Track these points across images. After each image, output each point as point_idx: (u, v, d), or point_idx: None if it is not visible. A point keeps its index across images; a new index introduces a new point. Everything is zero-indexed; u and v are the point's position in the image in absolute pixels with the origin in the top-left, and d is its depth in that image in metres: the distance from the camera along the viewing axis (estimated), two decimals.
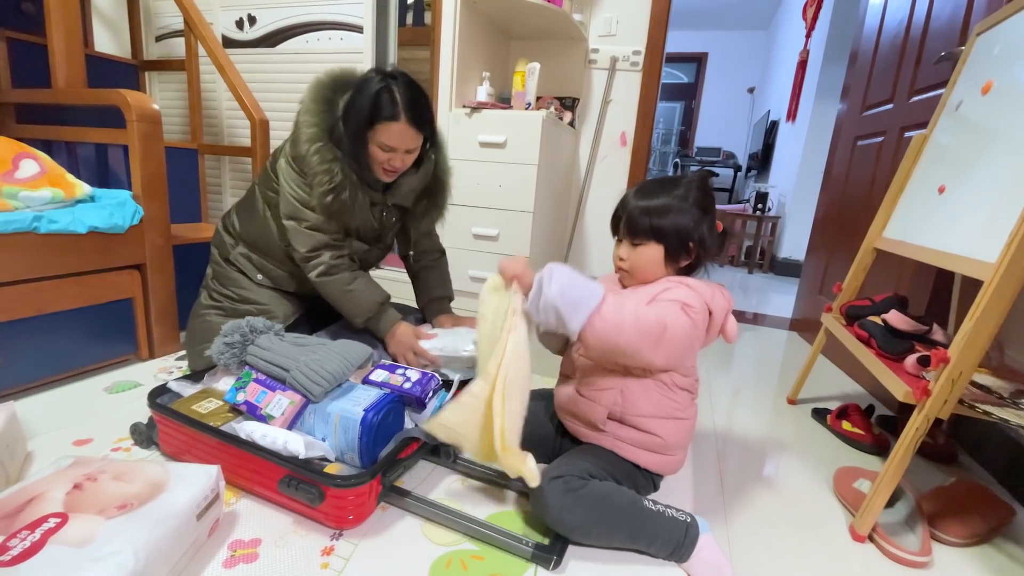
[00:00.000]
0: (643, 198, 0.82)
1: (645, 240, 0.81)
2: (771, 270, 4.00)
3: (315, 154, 1.04)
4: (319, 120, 1.05)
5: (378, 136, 1.04)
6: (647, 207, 0.81)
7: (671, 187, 0.82)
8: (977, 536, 0.88)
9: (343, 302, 1.15)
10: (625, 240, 0.84)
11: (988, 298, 0.74)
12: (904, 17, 1.60)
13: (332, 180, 1.05)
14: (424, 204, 1.27)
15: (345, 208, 1.09)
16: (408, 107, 1.03)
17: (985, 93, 1.01)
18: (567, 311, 0.69)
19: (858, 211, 1.71)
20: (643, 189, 0.84)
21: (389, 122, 1.02)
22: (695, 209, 0.80)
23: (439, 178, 1.26)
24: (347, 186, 1.07)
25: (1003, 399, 0.82)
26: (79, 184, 1.20)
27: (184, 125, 2.39)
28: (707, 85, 6.01)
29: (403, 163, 1.10)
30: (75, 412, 1.09)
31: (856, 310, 1.20)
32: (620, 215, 0.85)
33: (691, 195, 0.81)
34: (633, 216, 0.81)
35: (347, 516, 0.77)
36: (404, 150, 1.07)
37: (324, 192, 1.06)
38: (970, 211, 0.91)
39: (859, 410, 1.24)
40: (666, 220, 0.80)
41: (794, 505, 0.96)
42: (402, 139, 1.05)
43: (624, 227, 0.83)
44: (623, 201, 0.85)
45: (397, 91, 1.02)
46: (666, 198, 0.80)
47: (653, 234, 0.80)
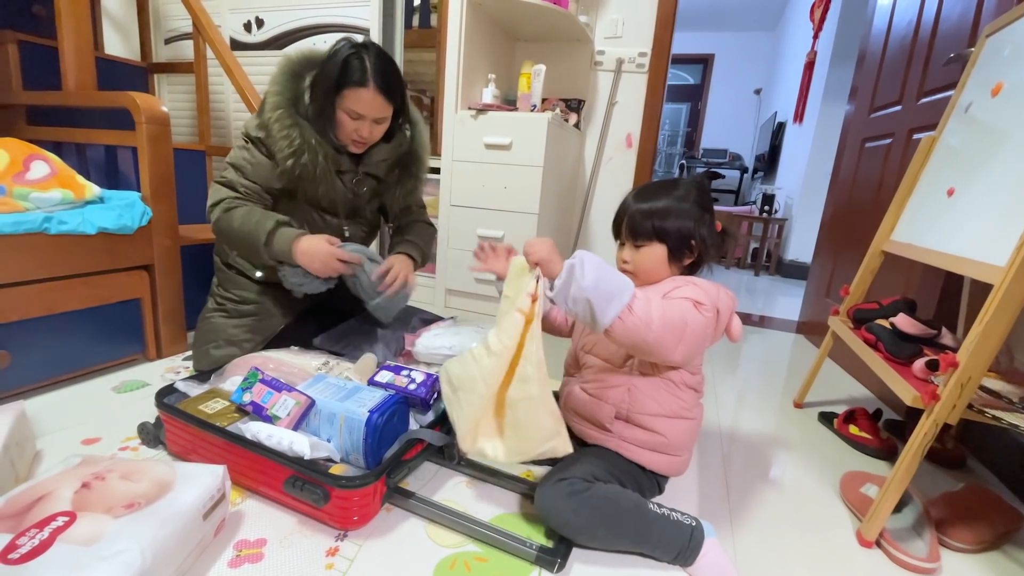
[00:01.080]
0: (644, 200, 0.83)
1: (648, 241, 0.82)
2: (777, 272, 3.97)
3: (276, 121, 1.05)
4: (282, 89, 1.06)
5: (346, 102, 1.04)
6: (648, 209, 0.81)
7: (671, 188, 0.83)
8: (985, 542, 0.87)
9: (239, 235, 1.07)
10: (628, 242, 0.85)
11: (998, 302, 0.73)
12: (913, 18, 1.59)
13: (291, 144, 1.06)
14: (397, 174, 1.25)
15: (307, 173, 1.09)
16: (377, 74, 1.03)
17: (995, 95, 1.00)
18: (599, 304, 0.68)
19: (866, 213, 1.70)
20: (643, 191, 0.84)
21: (357, 87, 1.03)
22: (695, 208, 0.81)
23: (415, 152, 1.25)
24: (306, 149, 1.07)
25: (1012, 404, 0.81)
26: (88, 185, 1.21)
27: (192, 127, 2.41)
28: (713, 86, 5.99)
29: (371, 133, 1.10)
30: (83, 411, 1.10)
31: (863, 313, 1.19)
32: (621, 218, 0.85)
33: (691, 195, 0.82)
34: (635, 218, 0.82)
35: (352, 517, 0.78)
36: (372, 118, 1.07)
37: (285, 157, 1.07)
38: (979, 214, 0.91)
39: (866, 414, 1.23)
40: (668, 220, 0.80)
41: (800, 510, 0.96)
42: (371, 106, 1.05)
43: (626, 229, 0.84)
44: (624, 204, 0.85)
45: (368, 58, 1.03)
46: (666, 199, 0.81)
47: (656, 234, 0.81)
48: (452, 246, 2.04)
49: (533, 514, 0.86)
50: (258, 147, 1.10)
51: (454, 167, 1.96)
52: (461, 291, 2.09)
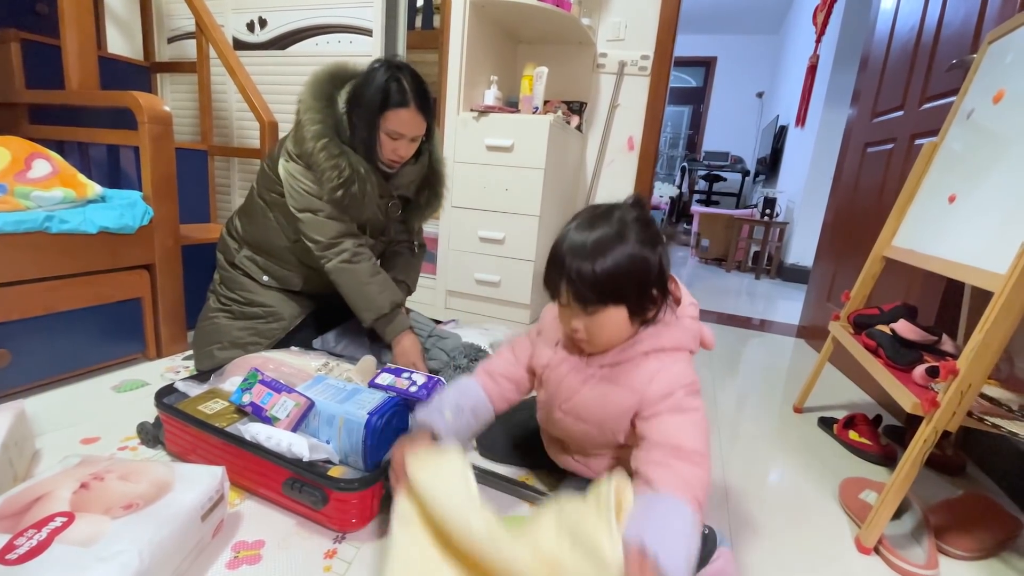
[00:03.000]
0: (585, 258, 0.66)
1: (602, 307, 0.67)
2: (778, 276, 3.97)
3: (322, 150, 1.05)
4: (322, 116, 1.06)
5: (387, 123, 1.06)
6: (595, 272, 0.65)
7: (608, 232, 0.66)
8: (984, 550, 0.87)
9: (360, 294, 1.14)
10: (574, 306, 0.69)
11: (998, 310, 0.73)
12: (915, 23, 1.59)
13: (341, 175, 1.06)
14: (426, 195, 1.28)
15: (355, 201, 1.11)
16: (416, 94, 1.06)
17: (997, 102, 1.00)
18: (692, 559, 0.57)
19: (867, 218, 1.70)
20: (578, 243, 0.67)
21: (399, 108, 1.05)
22: (647, 248, 0.67)
23: (435, 168, 1.27)
24: (356, 179, 1.08)
25: (1012, 412, 0.81)
26: (90, 184, 1.21)
27: (194, 126, 2.41)
28: (716, 89, 6.00)
29: (407, 151, 1.12)
30: (83, 410, 1.10)
31: (864, 319, 1.19)
32: (558, 277, 0.68)
33: (636, 233, 0.66)
34: (579, 284, 0.66)
35: (350, 519, 0.78)
36: (410, 137, 1.09)
37: (334, 187, 1.07)
38: (981, 221, 0.91)
39: (866, 420, 1.22)
40: (622, 279, 0.66)
41: (799, 515, 0.95)
42: (410, 126, 1.08)
43: (570, 295, 0.68)
44: (557, 258, 0.68)
45: (405, 80, 1.05)
46: (612, 250, 0.65)
47: (611, 299, 0.67)
48: (452, 248, 2.04)
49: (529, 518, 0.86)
50: (313, 174, 1.09)
51: (455, 168, 1.96)
52: (461, 292, 2.09)
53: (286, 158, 1.11)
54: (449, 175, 1.32)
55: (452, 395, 0.81)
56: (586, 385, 0.75)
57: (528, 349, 0.85)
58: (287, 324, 1.23)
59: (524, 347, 0.86)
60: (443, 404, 0.78)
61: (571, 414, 0.77)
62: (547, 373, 0.80)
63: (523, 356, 0.85)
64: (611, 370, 0.73)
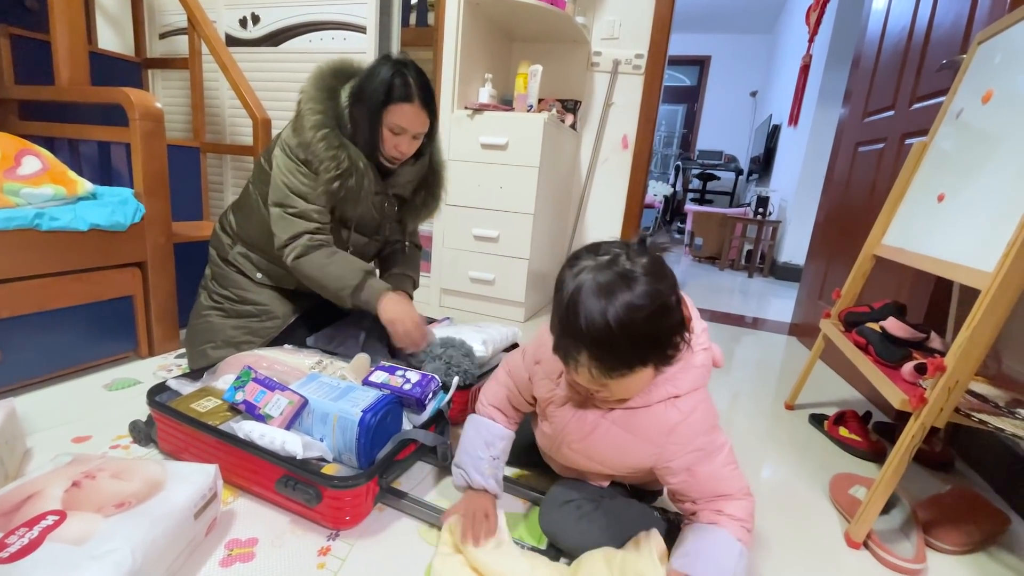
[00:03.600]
0: (605, 330, 0.57)
1: (628, 371, 0.61)
2: (771, 274, 4.00)
3: (321, 140, 1.04)
4: (323, 108, 1.06)
5: (390, 117, 1.06)
6: (619, 343, 0.58)
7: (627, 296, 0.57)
8: (972, 544, 0.88)
9: (323, 280, 1.11)
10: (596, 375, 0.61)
11: (985, 308, 0.74)
12: (906, 24, 1.60)
13: (339, 166, 1.06)
14: (423, 196, 1.28)
15: (351, 194, 1.10)
16: (420, 90, 1.06)
17: (986, 102, 1.01)
18: None
19: (858, 217, 1.71)
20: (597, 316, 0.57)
21: (402, 103, 1.05)
22: (666, 301, 0.59)
23: (435, 170, 1.27)
24: (353, 172, 1.08)
25: (999, 408, 0.82)
26: (81, 181, 1.20)
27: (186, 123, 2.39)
28: (710, 88, 6.02)
29: (409, 148, 1.11)
30: (74, 409, 1.09)
31: (855, 316, 1.20)
32: (575, 351, 0.60)
33: (652, 289, 0.58)
34: (605, 359, 0.60)
35: (344, 517, 0.78)
36: (413, 133, 1.09)
37: (331, 178, 1.06)
38: (969, 220, 0.92)
39: (856, 416, 1.24)
40: (647, 345, 0.60)
41: (789, 511, 0.96)
42: (413, 121, 1.07)
43: (593, 368, 0.60)
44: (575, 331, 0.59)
45: (409, 75, 1.05)
46: (635, 318, 0.57)
47: (638, 363, 0.61)
48: (447, 246, 2.04)
49: (524, 515, 0.87)
50: (308, 167, 1.08)
51: (450, 166, 1.95)
52: (456, 290, 2.09)
53: (281, 148, 1.10)
54: (449, 177, 1.32)
55: (480, 448, 0.81)
56: (598, 429, 0.71)
57: (523, 376, 0.81)
58: (281, 323, 1.23)
59: (520, 374, 0.82)
60: (480, 464, 0.80)
61: (581, 454, 0.75)
62: (551, 409, 0.76)
63: (521, 382, 0.82)
64: (625, 416, 0.69)
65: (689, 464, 0.67)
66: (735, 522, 0.65)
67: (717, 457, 0.68)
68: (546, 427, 0.78)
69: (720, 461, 0.68)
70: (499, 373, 0.87)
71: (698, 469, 0.67)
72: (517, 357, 0.84)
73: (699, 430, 0.68)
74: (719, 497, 0.67)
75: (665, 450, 0.68)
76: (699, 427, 0.68)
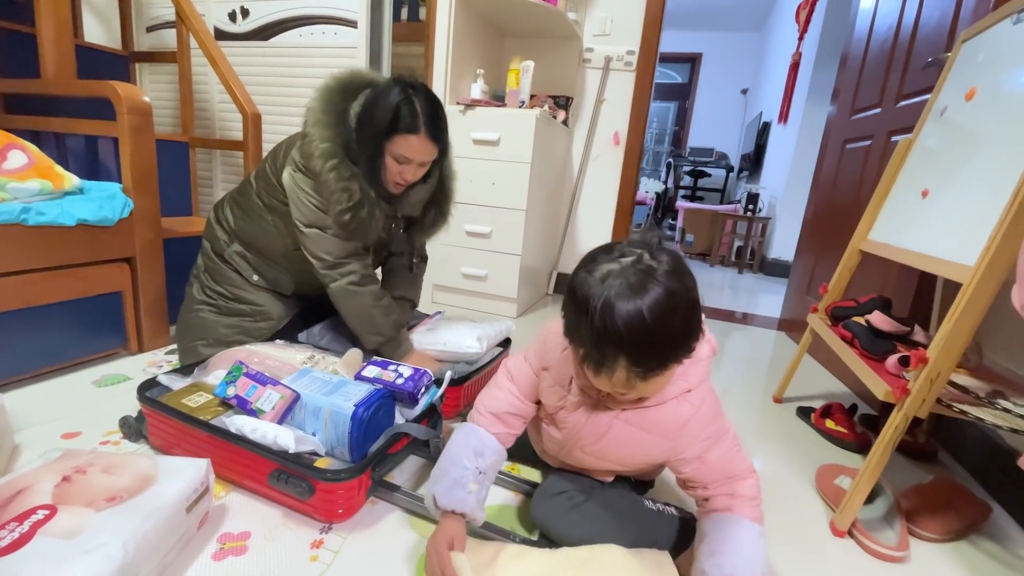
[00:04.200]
0: (646, 332, 0.57)
1: (662, 371, 0.62)
2: (761, 270, 4.03)
3: (331, 171, 1.01)
4: (332, 134, 1.01)
5: (395, 147, 1.02)
6: (660, 343, 0.59)
7: (659, 296, 0.57)
8: (953, 532, 0.90)
9: (365, 317, 1.12)
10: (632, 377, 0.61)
11: (966, 301, 0.76)
12: (893, 22, 1.62)
13: (351, 199, 1.03)
14: (432, 214, 1.26)
15: (363, 225, 1.07)
16: (428, 120, 1.02)
17: (969, 100, 1.03)
18: None
19: (846, 213, 1.74)
20: (635, 319, 0.56)
21: (408, 134, 1.01)
22: (691, 298, 0.60)
23: (444, 184, 1.24)
24: (365, 203, 1.05)
25: (980, 399, 0.84)
26: (68, 176, 1.19)
27: (175, 118, 2.36)
28: (701, 85, 6.04)
29: (414, 176, 1.08)
30: (63, 405, 1.08)
31: (841, 311, 1.22)
32: (613, 355, 0.58)
33: (680, 287, 0.59)
34: (647, 360, 0.59)
35: (337, 510, 0.78)
36: (418, 163, 1.06)
37: (343, 211, 1.04)
38: (952, 215, 0.93)
39: (842, 409, 1.26)
40: (681, 343, 0.60)
41: (777, 501, 0.98)
42: (419, 152, 1.04)
43: (630, 370, 0.59)
44: (615, 336, 0.57)
45: (418, 103, 1.01)
46: (670, 318, 0.57)
47: (672, 360, 0.61)
48: (439, 242, 2.03)
49: (516, 507, 0.88)
50: (320, 191, 1.05)
51: None
52: (448, 286, 2.09)
53: (293, 168, 1.06)
54: (457, 188, 1.29)
55: (467, 457, 0.72)
56: (612, 430, 0.71)
57: (530, 378, 0.79)
58: (275, 324, 1.23)
59: (526, 376, 0.79)
60: (463, 476, 0.70)
61: (595, 455, 0.75)
62: (562, 415, 0.75)
63: (527, 387, 0.79)
64: (639, 414, 0.70)
65: (700, 452, 0.70)
66: (749, 503, 0.68)
67: (725, 442, 0.71)
68: (555, 432, 0.78)
69: (727, 444, 0.71)
70: (499, 380, 0.82)
71: (708, 455, 0.70)
72: (519, 361, 0.81)
73: (709, 420, 0.70)
74: (729, 479, 0.69)
75: (679, 443, 0.70)
76: (709, 417, 0.70)
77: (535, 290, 2.29)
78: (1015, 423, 0.78)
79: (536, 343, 0.80)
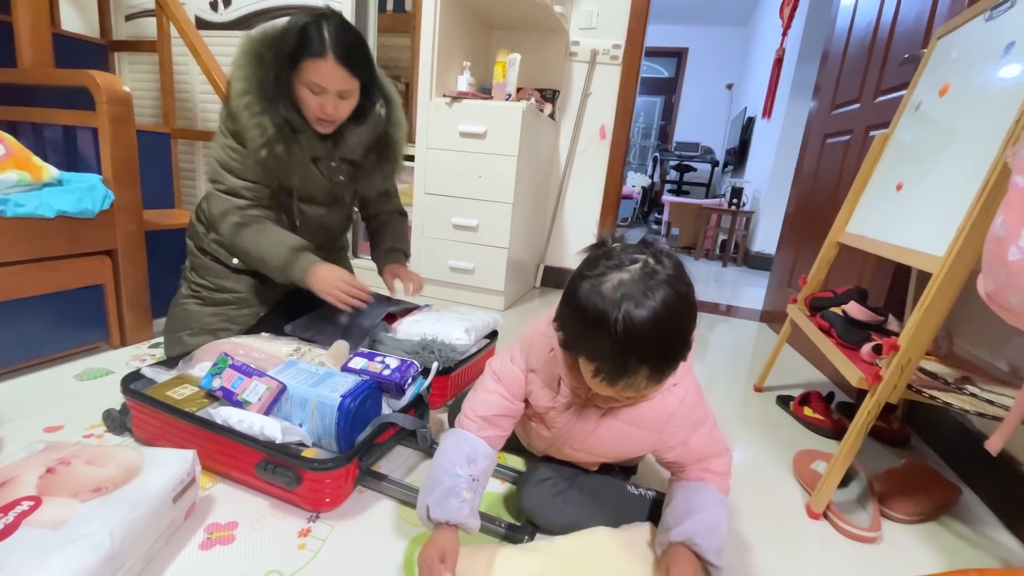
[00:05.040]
0: (664, 338, 0.58)
1: (673, 372, 0.62)
2: (745, 263, 4.09)
3: (245, 108, 1.01)
4: (247, 74, 1.01)
5: (305, 75, 0.99)
6: (679, 349, 0.60)
7: (670, 299, 0.57)
8: (924, 514, 0.93)
9: (260, 255, 1.08)
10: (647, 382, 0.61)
11: (935, 290, 0.78)
12: (872, 19, 1.65)
13: (264, 134, 1.02)
14: (373, 158, 1.22)
15: (282, 163, 1.06)
16: (337, 44, 0.98)
17: (942, 95, 1.06)
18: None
19: (826, 207, 1.77)
20: (650, 325, 0.56)
21: (316, 59, 0.98)
22: (693, 299, 0.61)
23: (388, 132, 1.21)
24: (280, 139, 1.03)
25: (948, 385, 0.87)
26: (46, 167, 1.17)
27: (156, 108, 2.33)
28: (687, 80, 6.08)
29: (335, 109, 1.04)
30: (45, 399, 1.07)
31: (819, 301, 1.25)
32: (635, 364, 0.58)
33: (686, 290, 0.60)
34: (666, 367, 0.60)
35: (324, 499, 0.79)
36: (335, 92, 1.02)
37: (257, 147, 1.03)
38: (924, 207, 0.96)
39: (820, 397, 1.29)
40: (689, 343, 0.61)
41: (756, 485, 1.01)
42: (331, 79, 1.00)
43: (651, 378, 0.60)
44: (635, 345, 0.56)
45: (326, 27, 0.98)
46: (681, 323, 0.59)
47: (683, 360, 0.62)
48: (426, 235, 2.04)
49: (502, 493, 0.89)
50: (237, 139, 1.06)
51: (428, 155, 1.96)
52: (436, 279, 2.09)
53: (220, 121, 1.08)
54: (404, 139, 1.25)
55: (459, 465, 0.69)
56: (601, 427, 0.72)
57: (518, 378, 0.76)
58: (257, 310, 1.22)
59: (514, 377, 0.76)
60: (456, 484, 0.67)
61: (584, 451, 0.77)
62: (551, 415, 0.75)
63: (515, 387, 0.76)
64: (627, 410, 0.71)
65: (684, 439, 0.73)
66: (719, 477, 0.73)
67: (706, 425, 0.74)
68: (544, 431, 0.78)
69: (708, 428, 0.74)
70: (486, 382, 0.78)
71: (691, 440, 0.73)
72: (505, 362, 0.78)
73: (692, 408, 0.72)
74: (706, 459, 0.74)
75: (665, 435, 0.73)
76: (692, 406, 0.72)
77: (522, 283, 2.30)
78: (981, 407, 0.81)
79: (520, 342, 0.78)
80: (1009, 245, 0.58)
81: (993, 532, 0.93)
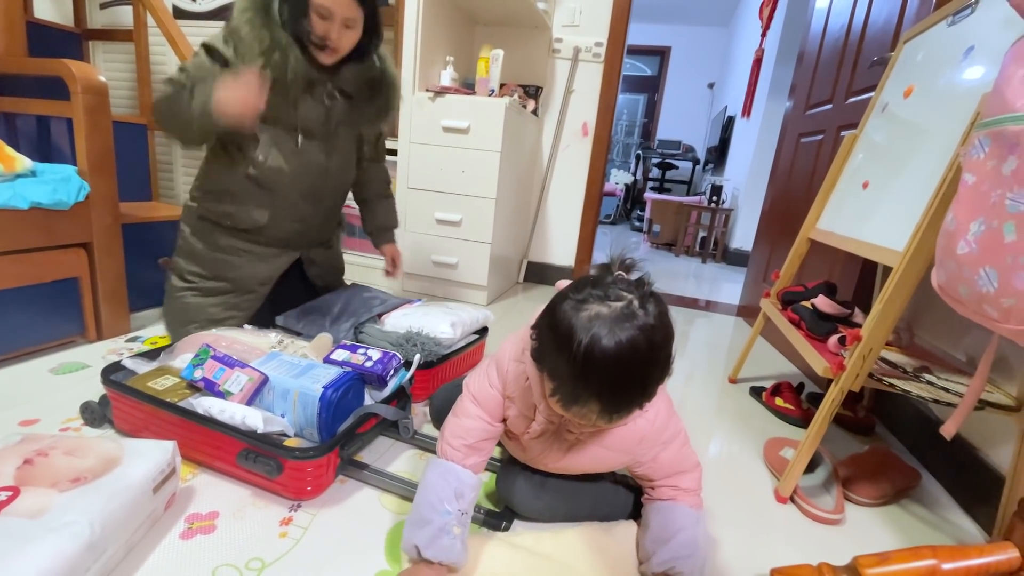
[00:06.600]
0: (628, 380, 0.57)
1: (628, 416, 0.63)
2: (723, 260, 4.17)
3: (246, 23, 1.02)
4: None
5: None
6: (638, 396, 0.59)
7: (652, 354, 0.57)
8: (885, 497, 0.98)
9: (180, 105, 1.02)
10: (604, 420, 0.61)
11: (895, 284, 0.82)
12: (845, 22, 1.70)
13: (262, 43, 1.03)
14: (367, 92, 1.23)
15: (278, 76, 1.05)
16: None
17: (907, 96, 1.10)
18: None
19: (799, 204, 1.82)
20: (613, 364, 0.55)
21: None
22: (671, 351, 0.59)
23: (388, 78, 1.24)
24: (276, 48, 1.04)
25: (907, 373, 0.92)
26: (19, 158, 1.15)
27: (132, 99, 2.28)
28: (670, 79, 6.15)
29: (338, 37, 1.07)
30: (20, 393, 1.06)
31: (791, 295, 1.30)
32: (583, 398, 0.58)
33: (665, 344, 0.58)
34: (626, 406, 0.60)
35: (305, 487, 0.80)
36: (341, 19, 1.05)
37: (255, 56, 1.03)
38: (887, 205, 1.01)
39: (791, 387, 1.34)
40: (657, 385, 0.60)
41: (728, 472, 1.05)
42: (339, 3, 1.03)
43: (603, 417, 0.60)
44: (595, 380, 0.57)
45: None
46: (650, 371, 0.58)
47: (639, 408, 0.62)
48: (409, 230, 2.04)
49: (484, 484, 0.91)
50: (213, 56, 1.04)
51: (411, 149, 1.96)
52: (418, 274, 2.10)
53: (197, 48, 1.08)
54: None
55: (448, 501, 0.68)
56: (573, 449, 0.74)
57: (497, 400, 0.75)
58: (258, 295, 1.24)
59: (492, 399, 0.75)
60: (447, 522, 0.66)
61: (559, 469, 0.78)
62: (526, 439, 0.75)
63: (494, 409, 0.75)
64: (599, 433, 0.72)
65: (655, 455, 0.74)
66: (689, 494, 0.74)
67: (676, 442, 0.75)
68: (520, 451, 0.80)
69: (677, 444, 0.75)
70: (465, 407, 0.76)
71: (661, 456, 0.74)
72: (483, 385, 0.76)
73: (662, 428, 0.73)
74: (677, 475, 0.75)
75: (636, 453, 0.74)
76: (662, 425, 0.73)
77: (505, 278, 2.32)
78: (937, 394, 0.85)
79: (497, 363, 0.76)
80: (958, 239, 0.62)
81: (950, 514, 0.98)
